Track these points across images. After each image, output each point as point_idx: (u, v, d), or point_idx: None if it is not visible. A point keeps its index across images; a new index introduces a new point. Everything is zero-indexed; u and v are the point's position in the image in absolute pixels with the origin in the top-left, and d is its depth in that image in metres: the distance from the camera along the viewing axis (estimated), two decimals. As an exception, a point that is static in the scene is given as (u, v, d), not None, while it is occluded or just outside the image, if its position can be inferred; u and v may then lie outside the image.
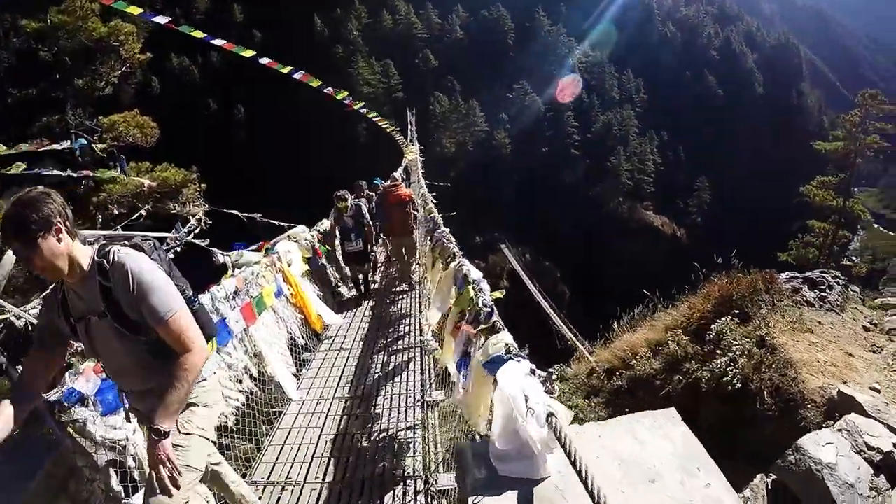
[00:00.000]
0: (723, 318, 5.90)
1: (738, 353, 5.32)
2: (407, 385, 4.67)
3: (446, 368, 3.45)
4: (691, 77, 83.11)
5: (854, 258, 23.80)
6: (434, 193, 11.42)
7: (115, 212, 10.70)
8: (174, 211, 11.04)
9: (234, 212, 9.36)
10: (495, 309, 2.53)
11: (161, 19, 6.24)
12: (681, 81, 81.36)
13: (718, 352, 5.56)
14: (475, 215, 55.13)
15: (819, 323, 6.07)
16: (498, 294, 2.93)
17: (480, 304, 2.67)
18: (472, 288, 3.01)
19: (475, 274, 3.16)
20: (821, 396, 4.65)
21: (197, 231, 9.43)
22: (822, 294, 6.85)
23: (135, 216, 10.48)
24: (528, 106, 63.25)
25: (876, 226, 73.58)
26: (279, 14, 75.50)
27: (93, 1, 11.13)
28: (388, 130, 43.06)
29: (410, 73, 65.10)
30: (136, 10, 5.94)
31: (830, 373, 4.99)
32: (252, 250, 5.42)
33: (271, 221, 9.52)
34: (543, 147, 62.72)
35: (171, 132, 63.69)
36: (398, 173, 22.48)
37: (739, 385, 5.07)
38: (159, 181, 10.85)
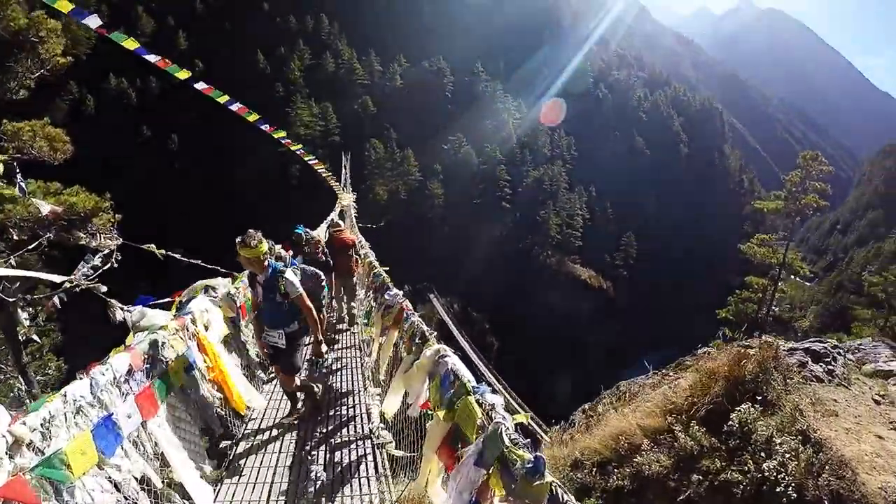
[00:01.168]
0: (743, 407, 5.10)
1: (785, 454, 4.52)
2: (360, 497, 3.72)
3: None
4: (620, 136, 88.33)
5: (774, 307, 25.18)
6: (362, 240, 11.53)
7: (15, 237, 9.32)
8: (82, 242, 9.75)
9: (151, 247, 8.53)
10: (544, 461, 1.77)
11: (91, 21, 5.60)
12: (610, 140, 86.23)
13: (749, 448, 4.75)
14: (405, 263, 55.45)
15: (835, 401, 5.54)
16: (522, 418, 2.24)
17: (516, 456, 1.84)
18: (479, 404, 2.28)
19: (491, 398, 2.24)
20: (884, 499, 4.08)
21: (104, 268, 8.57)
22: (830, 367, 6.39)
23: (33, 245, 9.30)
24: (463, 158, 64.89)
25: (792, 277, 79.45)
26: (223, 46, 74.75)
27: None
28: (323, 175, 42.93)
29: (348, 118, 65.56)
30: (65, 6, 5.25)
31: (880, 466, 4.46)
32: (162, 304, 4.66)
33: (193, 262, 8.85)
34: (475, 199, 64.20)
35: (102, 154, 61.19)
36: (334, 217, 22.84)
37: (795, 495, 4.23)
38: (65, 206, 9.49)
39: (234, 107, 7.84)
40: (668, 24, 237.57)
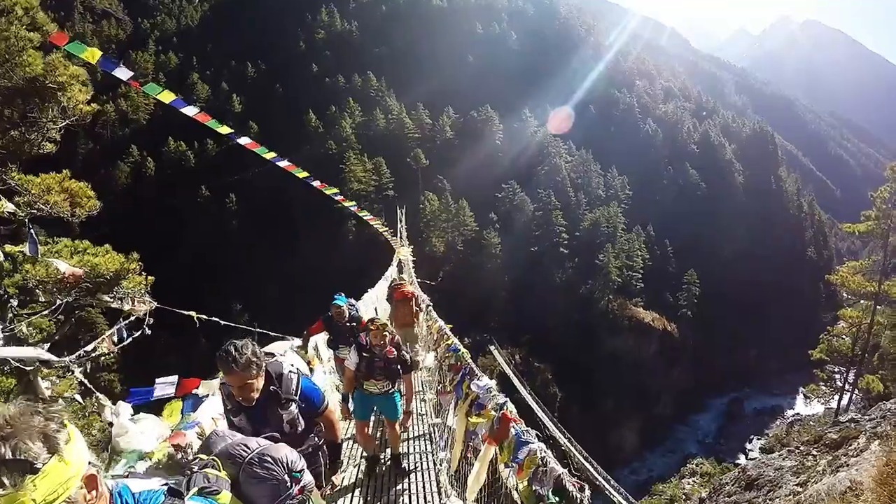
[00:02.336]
0: None
1: None
2: None
3: None
4: (674, 171, 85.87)
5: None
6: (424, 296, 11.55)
7: (42, 298, 8.63)
8: (114, 305, 9.09)
9: (192, 313, 7.79)
10: None
11: (121, 73, 5.29)
12: (664, 175, 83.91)
13: None
14: (465, 315, 54.27)
15: None
16: None
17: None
18: None
19: None
20: None
21: (135, 335, 7.89)
22: None
23: (48, 310, 8.49)
24: (518, 205, 64.03)
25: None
26: (276, 108, 77.62)
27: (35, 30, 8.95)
28: (379, 229, 42.26)
29: (401, 172, 66.12)
30: (93, 56, 4.89)
31: None
32: (166, 399, 3.81)
33: (236, 326, 8.15)
34: (533, 247, 62.89)
35: (158, 214, 63.80)
36: (393, 271, 22.41)
37: None
38: (87, 267, 8.62)
39: (283, 163, 7.69)
40: (708, 50, 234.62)
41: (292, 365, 3.00)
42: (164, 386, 4.03)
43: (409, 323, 8.89)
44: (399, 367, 4.94)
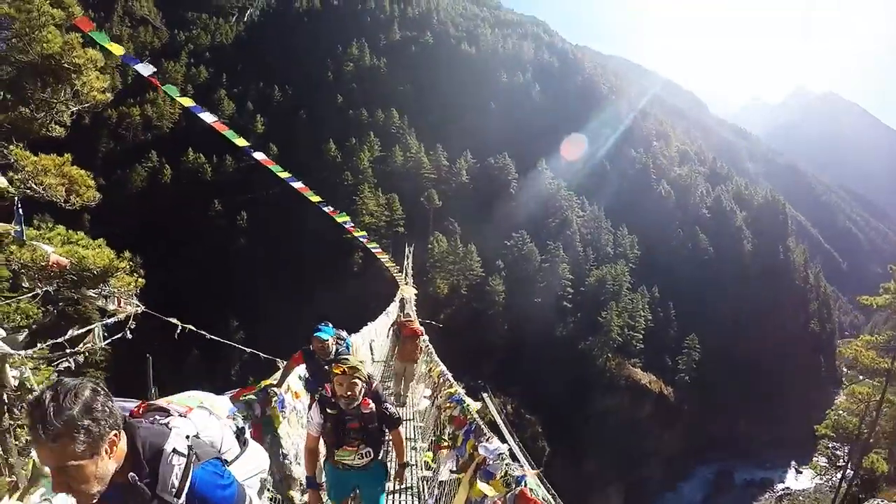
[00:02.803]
0: None
1: None
2: None
3: None
4: (684, 234, 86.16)
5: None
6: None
7: (25, 286, 7.99)
8: (98, 303, 8.55)
9: (174, 320, 7.23)
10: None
11: (143, 69, 5.07)
12: (673, 237, 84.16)
13: None
14: (462, 359, 53.83)
15: None
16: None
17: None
18: None
19: None
20: None
21: (112, 339, 7.23)
22: None
23: (29, 294, 7.89)
24: (525, 255, 64.17)
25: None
26: (298, 133, 79.03)
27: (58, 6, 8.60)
28: (385, 264, 42.31)
29: (414, 210, 66.70)
30: (118, 50, 4.81)
31: None
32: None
33: (223, 341, 7.92)
34: (536, 298, 62.73)
35: (168, 222, 64.20)
36: (394, 308, 22.69)
37: None
38: (74, 258, 7.88)
39: (297, 185, 7.60)
40: (724, 117, 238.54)
41: (196, 437, 1.78)
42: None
43: (414, 359, 9.42)
44: (382, 425, 3.58)
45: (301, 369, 5.50)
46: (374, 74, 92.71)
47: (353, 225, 10.78)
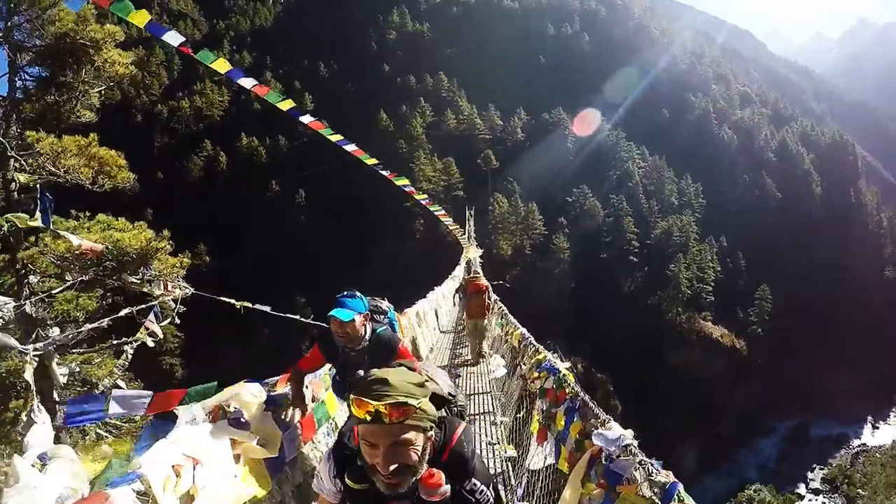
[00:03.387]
0: None
1: None
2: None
3: None
4: (749, 180, 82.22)
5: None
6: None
7: (68, 278, 7.76)
8: (145, 289, 7.94)
9: (232, 300, 6.86)
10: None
11: (171, 38, 4.74)
12: (739, 184, 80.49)
13: None
14: (528, 321, 53.90)
15: None
16: None
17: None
18: None
19: None
20: None
21: (162, 323, 6.92)
22: None
23: (62, 287, 7.74)
24: (588, 211, 62.91)
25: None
26: (347, 106, 79.30)
27: None
28: (449, 228, 42.51)
29: (472, 173, 66.26)
30: (142, 19, 4.38)
31: None
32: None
33: (286, 316, 7.64)
34: (602, 253, 61.67)
35: (227, 207, 66.13)
36: (460, 271, 22.27)
37: None
38: (109, 242, 7.49)
39: (350, 147, 7.25)
40: (785, 55, 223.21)
41: None
42: (127, 401, 2.54)
43: (482, 314, 9.52)
44: None
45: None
46: (418, 40, 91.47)
47: (412, 188, 10.48)
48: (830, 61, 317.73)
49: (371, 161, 7.78)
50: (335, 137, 7.09)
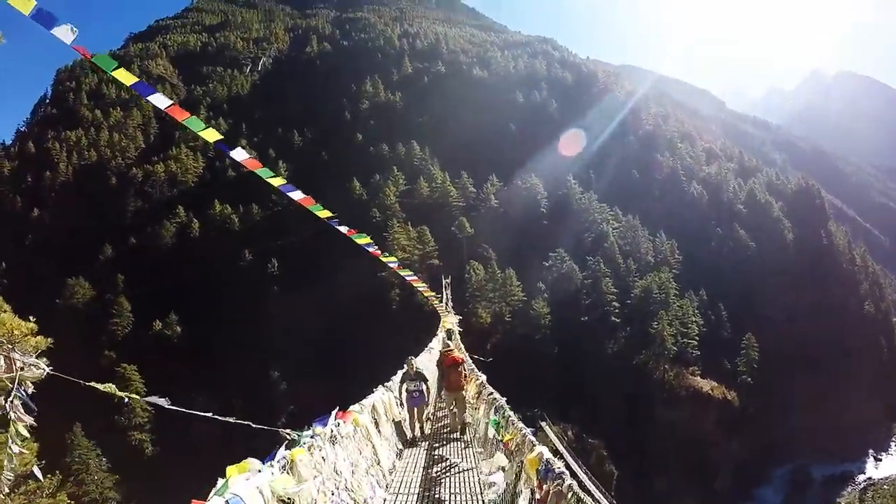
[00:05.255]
0: None
1: None
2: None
3: None
4: (722, 232, 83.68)
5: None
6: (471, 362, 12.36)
7: None
8: None
9: (109, 387, 4.28)
10: None
11: (158, 100, 4.69)
12: (712, 237, 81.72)
13: None
14: (513, 389, 52.07)
15: None
16: None
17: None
18: None
19: None
20: None
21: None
22: None
23: None
24: (566, 274, 62.57)
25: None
26: (321, 176, 79.50)
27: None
28: (425, 295, 41.11)
29: (446, 241, 65.96)
30: (127, 78, 4.45)
31: None
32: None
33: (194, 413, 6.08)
34: (583, 316, 60.94)
35: (200, 277, 64.10)
36: (439, 341, 20.69)
37: None
38: None
39: (297, 195, 7.26)
40: (743, 110, 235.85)
41: None
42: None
43: (461, 387, 9.77)
44: None
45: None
46: (391, 109, 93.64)
47: (399, 264, 10.48)
48: (786, 112, 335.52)
49: (324, 213, 7.57)
50: (277, 181, 6.75)
